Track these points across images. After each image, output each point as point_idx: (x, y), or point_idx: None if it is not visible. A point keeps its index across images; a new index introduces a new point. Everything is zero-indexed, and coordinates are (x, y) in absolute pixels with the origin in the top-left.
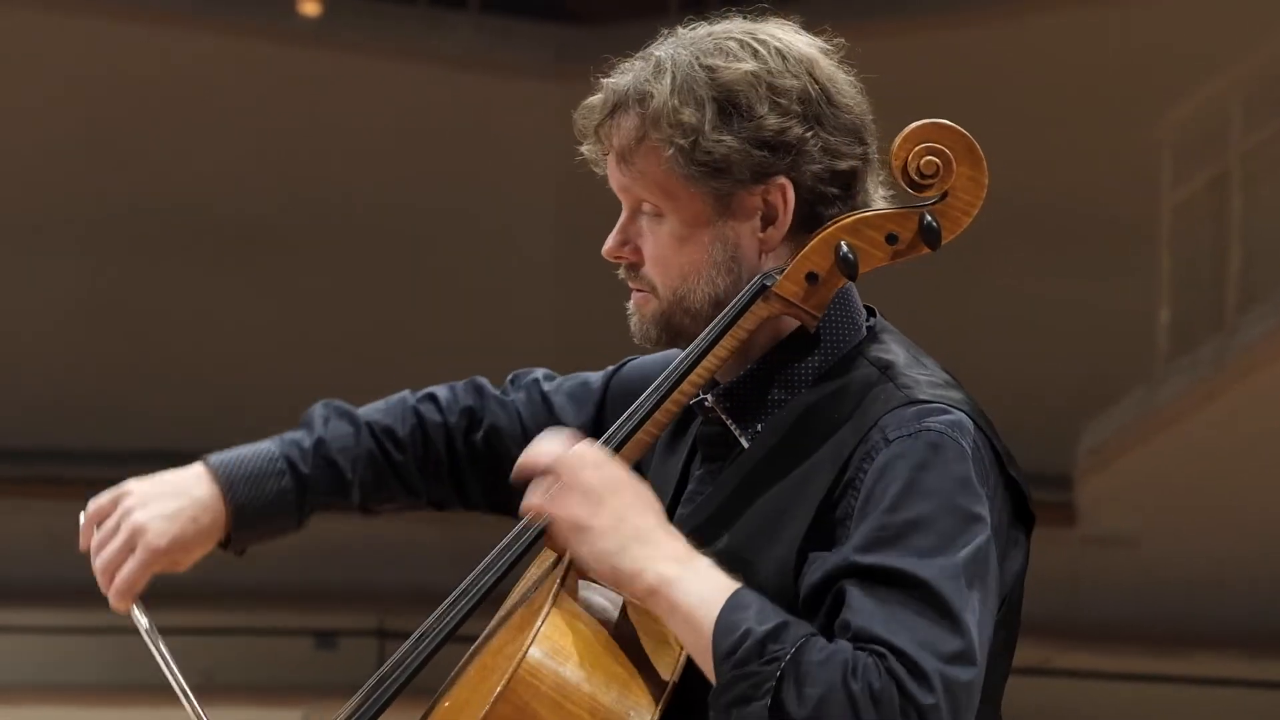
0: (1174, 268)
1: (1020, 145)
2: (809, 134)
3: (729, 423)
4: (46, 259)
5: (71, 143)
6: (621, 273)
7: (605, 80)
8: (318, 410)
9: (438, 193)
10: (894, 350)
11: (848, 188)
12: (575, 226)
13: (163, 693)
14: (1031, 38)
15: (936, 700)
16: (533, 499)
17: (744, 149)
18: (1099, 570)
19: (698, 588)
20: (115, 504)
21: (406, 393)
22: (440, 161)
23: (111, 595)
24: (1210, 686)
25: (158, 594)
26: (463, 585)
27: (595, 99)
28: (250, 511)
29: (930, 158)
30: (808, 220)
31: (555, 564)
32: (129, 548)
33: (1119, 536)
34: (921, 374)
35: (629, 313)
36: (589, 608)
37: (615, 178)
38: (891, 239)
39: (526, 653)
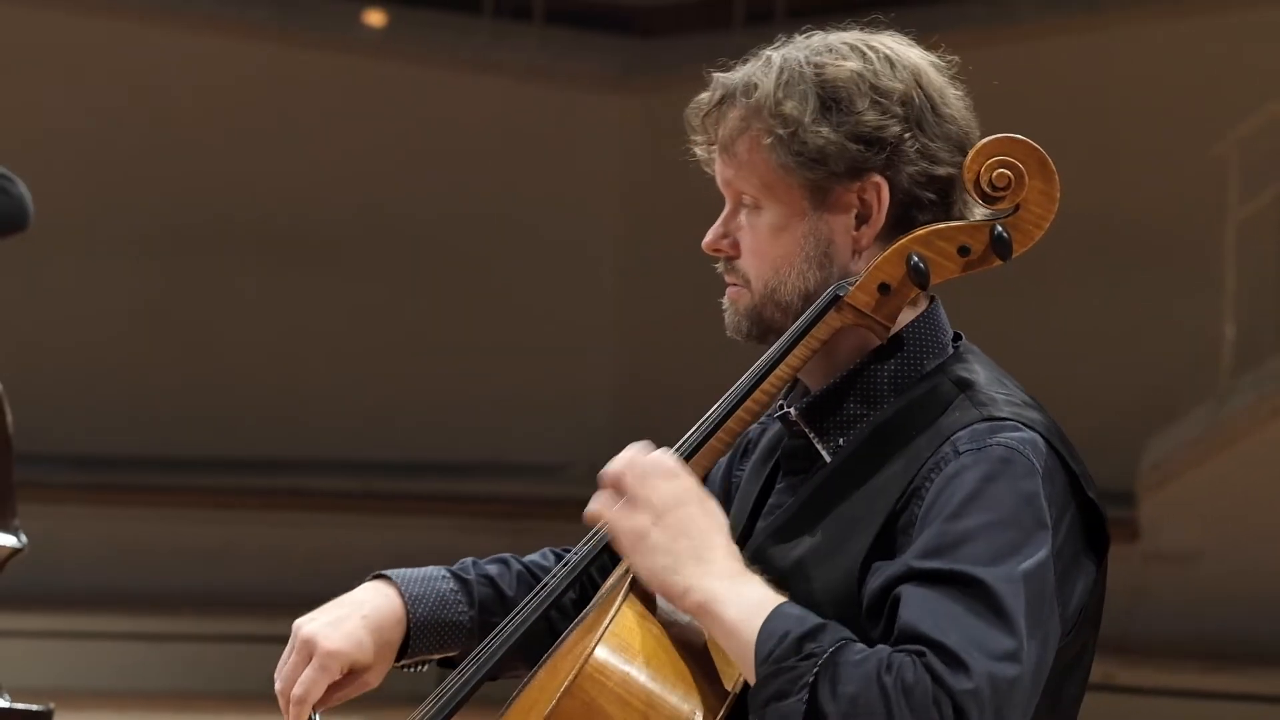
0: (1239, 283)
1: (1085, 159)
2: (907, 135)
3: (812, 436)
4: (104, 263)
5: (131, 150)
6: (719, 266)
7: (717, 75)
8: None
9: (500, 204)
10: (976, 370)
11: (945, 194)
12: (638, 238)
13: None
14: (1098, 53)
15: (975, 686)
16: (596, 505)
17: (841, 142)
18: (1162, 586)
19: (743, 604)
20: (291, 641)
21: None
22: (503, 173)
23: (291, 702)
24: (1275, 704)
25: (228, 601)
26: (534, 591)
27: (705, 94)
28: (425, 606)
29: (1003, 170)
30: (901, 222)
31: (628, 567)
32: (305, 658)
33: (1182, 552)
34: (1000, 393)
35: (724, 307)
36: (657, 609)
37: (719, 170)
38: (964, 250)
39: (594, 650)
